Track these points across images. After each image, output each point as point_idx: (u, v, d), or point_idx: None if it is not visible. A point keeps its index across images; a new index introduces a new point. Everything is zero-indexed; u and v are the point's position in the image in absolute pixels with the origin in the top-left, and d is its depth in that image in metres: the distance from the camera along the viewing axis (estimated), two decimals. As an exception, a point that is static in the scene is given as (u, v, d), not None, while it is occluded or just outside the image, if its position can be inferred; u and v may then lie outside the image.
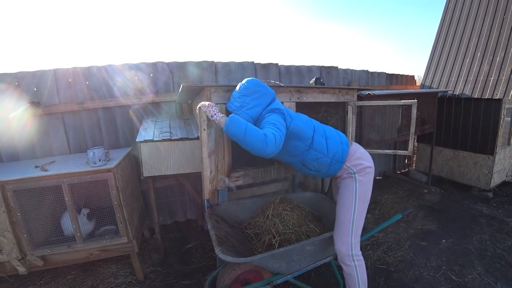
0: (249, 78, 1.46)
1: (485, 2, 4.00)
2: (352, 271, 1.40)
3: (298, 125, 1.39)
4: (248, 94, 1.40)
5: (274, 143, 1.20)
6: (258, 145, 1.18)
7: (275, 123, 1.30)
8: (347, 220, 1.39)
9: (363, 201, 1.41)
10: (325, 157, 1.41)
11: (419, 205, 3.06)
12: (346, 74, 3.67)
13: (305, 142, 1.40)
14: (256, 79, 1.46)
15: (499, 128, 3.01)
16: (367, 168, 1.43)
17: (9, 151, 2.17)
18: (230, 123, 1.23)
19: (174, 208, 2.82)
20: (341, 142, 1.45)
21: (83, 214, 1.80)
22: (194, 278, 1.97)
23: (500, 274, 1.91)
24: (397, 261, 2.10)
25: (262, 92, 1.42)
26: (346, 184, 1.43)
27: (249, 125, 1.22)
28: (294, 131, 1.38)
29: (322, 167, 1.44)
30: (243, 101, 1.40)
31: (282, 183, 2.81)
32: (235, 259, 1.23)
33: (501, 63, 3.62)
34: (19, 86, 2.15)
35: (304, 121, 1.44)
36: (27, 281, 1.97)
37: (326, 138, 1.44)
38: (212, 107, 1.33)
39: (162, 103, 2.61)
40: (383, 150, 2.37)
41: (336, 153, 1.42)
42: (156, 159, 1.80)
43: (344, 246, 1.38)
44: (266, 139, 1.19)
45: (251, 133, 1.19)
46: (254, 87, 1.41)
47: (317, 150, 1.41)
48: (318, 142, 1.41)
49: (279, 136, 1.24)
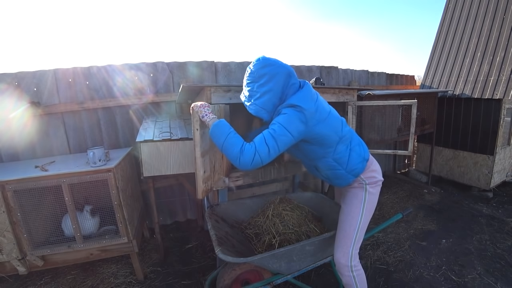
0: (257, 57, 1.20)
1: (485, 2, 4.00)
2: (351, 282, 1.35)
3: (323, 132, 1.18)
4: (254, 80, 1.17)
5: (250, 161, 1.05)
6: (232, 160, 1.09)
7: (278, 133, 1.09)
8: (352, 230, 1.32)
9: (369, 212, 1.35)
10: (341, 170, 1.29)
11: (419, 205, 3.06)
12: (346, 74, 3.67)
13: (325, 150, 1.25)
14: (265, 57, 1.18)
15: (499, 128, 3.01)
16: (379, 181, 1.37)
17: (9, 151, 2.17)
18: (213, 129, 1.14)
19: (174, 208, 2.82)
20: (364, 158, 1.32)
21: (86, 211, 1.80)
22: (194, 278, 1.97)
23: (500, 274, 1.91)
24: (397, 261, 2.10)
25: (271, 73, 1.15)
26: (355, 193, 1.35)
27: (231, 135, 1.10)
28: (316, 137, 1.19)
29: (334, 178, 1.34)
30: (251, 89, 1.19)
31: (282, 183, 2.81)
32: (235, 259, 1.23)
33: (501, 63, 3.62)
34: (19, 86, 2.15)
35: (333, 126, 1.21)
36: (27, 281, 1.97)
37: (350, 149, 1.29)
38: (204, 107, 1.25)
39: (162, 103, 2.61)
40: (383, 150, 2.37)
41: (355, 169, 1.29)
42: (156, 159, 1.80)
43: (344, 257, 1.33)
44: (241, 155, 1.06)
45: (228, 146, 1.09)
46: (261, 69, 1.15)
47: (337, 161, 1.27)
48: (340, 153, 1.26)
49: (265, 152, 1.07)
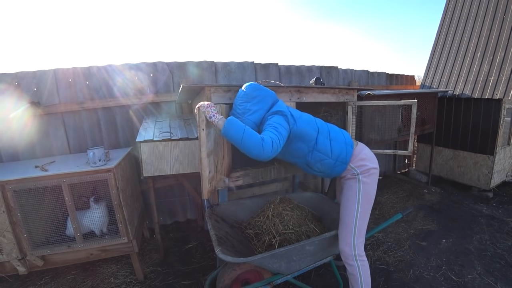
0: (248, 83, 1.46)
1: (485, 2, 4.00)
2: (355, 271, 1.40)
3: (302, 127, 1.38)
4: (248, 100, 1.40)
5: (271, 147, 1.20)
6: (255, 149, 1.19)
7: (276, 126, 1.30)
8: (350, 221, 1.39)
9: (366, 202, 1.41)
10: (329, 159, 1.41)
11: (419, 205, 3.06)
12: (346, 74, 3.67)
13: (308, 144, 1.40)
14: (255, 83, 1.45)
15: (499, 128, 3.01)
16: (371, 169, 1.42)
17: (9, 151, 2.17)
18: (228, 126, 1.22)
19: (174, 208, 2.82)
20: (346, 143, 1.44)
21: (92, 202, 1.79)
22: (194, 278, 1.97)
23: (500, 274, 1.91)
24: (397, 261, 2.10)
25: (261, 96, 1.42)
26: (349, 185, 1.43)
27: (247, 128, 1.22)
28: (297, 133, 1.38)
29: (326, 169, 1.44)
30: (244, 107, 1.41)
31: (282, 183, 2.81)
32: (235, 259, 1.23)
33: (501, 63, 3.62)
34: (19, 86, 2.15)
35: (308, 122, 1.43)
36: (27, 281, 1.97)
37: (330, 139, 1.43)
38: (211, 107, 1.31)
39: (162, 103, 2.61)
40: (383, 150, 2.37)
41: (340, 155, 1.41)
42: (156, 159, 1.81)
43: (348, 246, 1.39)
44: (263, 143, 1.19)
45: (249, 137, 1.19)
46: (253, 92, 1.41)
47: (321, 151, 1.41)
48: (322, 144, 1.41)
49: (277, 139, 1.24)
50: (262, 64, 3.00)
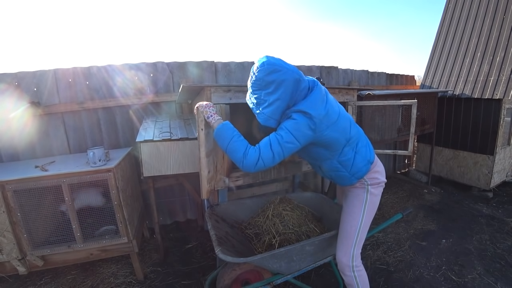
0: (260, 59, 1.14)
1: (485, 2, 4.00)
2: (352, 281, 1.35)
3: (332, 137, 1.18)
4: (261, 88, 1.13)
5: (253, 166, 1.10)
6: (237, 162, 1.14)
7: (283, 137, 1.10)
8: (353, 230, 1.32)
9: (370, 213, 1.35)
10: (345, 172, 1.30)
11: (419, 205, 3.06)
12: (346, 74, 3.67)
13: (332, 153, 1.25)
14: (270, 59, 1.12)
15: (499, 128, 3.01)
16: (381, 183, 1.36)
17: (9, 151, 2.17)
18: (218, 131, 1.19)
19: (174, 208, 2.82)
20: (369, 161, 1.30)
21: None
22: (194, 278, 1.97)
23: (500, 274, 1.91)
24: (397, 261, 2.10)
25: (278, 80, 1.10)
26: (356, 193, 1.35)
27: (235, 138, 1.14)
28: (324, 141, 1.19)
29: (337, 178, 1.35)
30: (258, 96, 1.16)
31: (282, 183, 2.81)
32: (235, 259, 1.23)
33: (501, 63, 3.62)
34: (19, 86, 2.15)
35: (342, 131, 1.20)
36: (27, 281, 1.97)
37: (355, 152, 1.28)
38: (209, 107, 1.28)
39: (162, 103, 2.61)
40: (383, 150, 2.37)
41: (359, 172, 1.29)
42: (156, 159, 1.80)
43: (346, 257, 1.34)
44: (244, 160, 1.10)
45: (232, 149, 1.13)
46: (267, 76, 1.10)
47: (341, 163, 1.28)
48: (346, 156, 1.26)
49: (269, 157, 1.10)
50: (262, 64, 3.00)
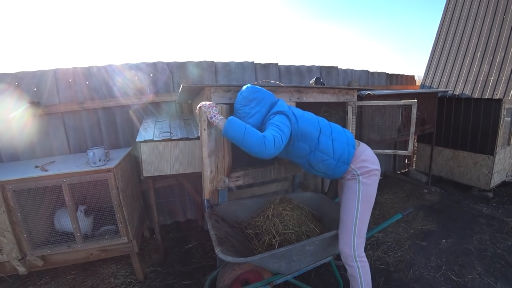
0: (245, 86, 1.45)
1: (485, 2, 4.00)
2: (355, 272, 1.39)
3: (304, 127, 1.38)
4: (246, 104, 1.41)
5: (273, 145, 1.21)
6: (257, 147, 1.20)
7: (278, 124, 1.30)
8: (350, 221, 1.39)
9: (366, 203, 1.40)
10: (330, 159, 1.40)
11: (419, 205, 3.06)
12: (346, 74, 3.67)
13: (310, 144, 1.40)
14: (252, 86, 1.45)
15: (499, 128, 3.01)
16: (372, 171, 1.41)
17: (9, 151, 2.16)
18: (229, 126, 1.23)
19: (174, 208, 2.82)
20: (348, 143, 1.43)
21: (80, 211, 1.80)
22: (194, 278, 1.97)
23: (500, 274, 1.91)
24: (397, 261, 2.10)
25: (259, 98, 1.42)
26: (349, 185, 1.43)
27: (248, 127, 1.24)
28: (299, 133, 1.38)
29: (328, 169, 1.44)
30: (243, 111, 1.41)
31: (282, 183, 2.81)
32: (235, 259, 1.23)
33: (501, 63, 3.62)
34: (19, 86, 2.15)
35: (310, 122, 1.42)
36: (27, 281, 1.97)
37: (332, 139, 1.42)
38: (212, 107, 1.33)
39: (162, 103, 2.61)
40: (383, 150, 2.36)
41: (342, 155, 1.40)
42: (156, 159, 1.80)
43: (347, 247, 1.39)
44: (265, 140, 1.20)
45: (250, 136, 1.20)
46: (251, 95, 1.41)
47: (323, 152, 1.40)
48: (324, 144, 1.40)
49: (279, 137, 1.24)
50: (262, 64, 3.00)
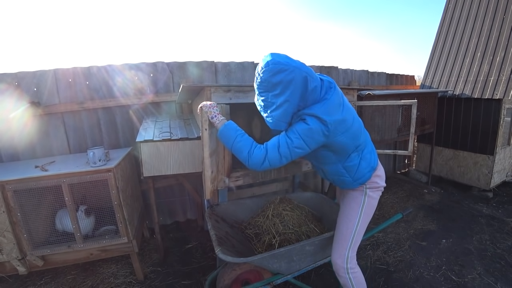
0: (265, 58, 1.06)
1: (485, 2, 4.00)
2: (347, 283, 1.34)
3: (343, 142, 1.17)
4: (268, 89, 1.07)
5: (259, 165, 1.13)
6: (243, 161, 1.18)
7: (294, 142, 1.09)
8: (349, 232, 1.32)
9: (367, 216, 1.34)
10: (348, 177, 1.30)
11: (419, 205, 3.06)
12: (346, 74, 3.67)
13: (339, 157, 1.25)
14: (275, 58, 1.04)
15: (499, 128, 3.01)
16: (381, 187, 1.36)
17: (9, 151, 2.16)
18: (222, 132, 1.23)
19: (174, 208, 2.82)
20: (372, 167, 1.30)
21: (81, 211, 1.80)
22: (194, 278, 1.97)
23: (500, 274, 1.91)
24: (397, 261, 2.10)
25: (285, 80, 1.02)
26: (354, 195, 1.35)
27: (237, 139, 1.18)
28: (334, 146, 1.18)
29: (339, 182, 1.35)
30: (265, 99, 1.11)
31: (282, 183, 2.81)
32: (235, 259, 1.23)
33: (501, 63, 3.62)
34: (19, 86, 2.15)
35: (353, 137, 1.20)
36: (27, 281, 1.96)
37: (361, 158, 1.27)
38: (213, 107, 1.31)
39: (162, 103, 2.61)
40: (383, 150, 2.37)
41: (361, 178, 1.29)
42: (156, 159, 1.80)
43: (340, 258, 1.33)
44: (249, 160, 1.14)
45: (237, 149, 1.17)
46: (272, 77, 1.03)
47: (346, 169, 1.28)
48: (352, 161, 1.26)
49: (276, 159, 1.12)
50: (262, 64, 3.00)
